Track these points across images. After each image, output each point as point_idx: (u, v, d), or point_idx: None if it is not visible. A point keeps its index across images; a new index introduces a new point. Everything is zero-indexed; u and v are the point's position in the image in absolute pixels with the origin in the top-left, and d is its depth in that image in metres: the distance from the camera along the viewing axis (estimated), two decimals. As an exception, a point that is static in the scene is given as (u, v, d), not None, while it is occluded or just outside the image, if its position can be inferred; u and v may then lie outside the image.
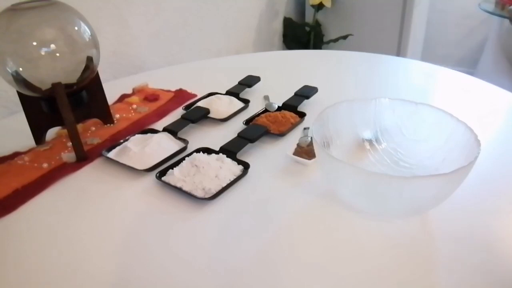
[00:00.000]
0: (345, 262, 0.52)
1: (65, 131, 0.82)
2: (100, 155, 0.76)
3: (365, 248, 0.54)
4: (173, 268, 0.52)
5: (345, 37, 2.17)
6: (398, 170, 0.64)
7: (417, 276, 0.50)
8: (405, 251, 0.53)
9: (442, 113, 0.61)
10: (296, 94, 0.93)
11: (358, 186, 0.54)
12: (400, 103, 0.65)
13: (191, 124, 0.84)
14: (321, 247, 0.55)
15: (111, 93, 0.94)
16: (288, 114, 0.84)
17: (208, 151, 0.74)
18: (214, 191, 0.63)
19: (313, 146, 0.66)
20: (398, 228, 0.57)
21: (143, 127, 0.85)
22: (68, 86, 0.73)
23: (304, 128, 0.82)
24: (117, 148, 0.77)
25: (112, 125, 0.87)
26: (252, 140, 0.75)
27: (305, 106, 0.90)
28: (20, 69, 0.70)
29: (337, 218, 0.59)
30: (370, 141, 0.68)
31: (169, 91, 1.03)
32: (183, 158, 0.71)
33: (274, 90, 0.99)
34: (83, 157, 0.75)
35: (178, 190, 0.65)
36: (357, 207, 0.58)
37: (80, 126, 0.85)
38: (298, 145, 0.74)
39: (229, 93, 0.98)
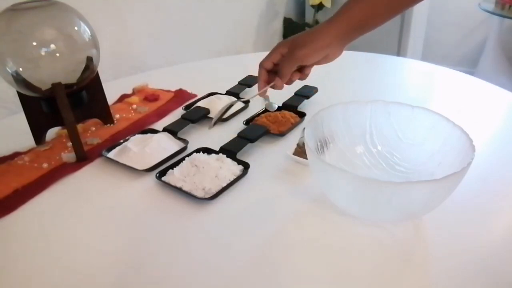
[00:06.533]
0: (338, 266, 0.52)
1: (65, 131, 0.82)
2: (100, 155, 0.76)
3: (359, 253, 0.54)
4: (173, 268, 0.52)
5: (345, 37, 2.17)
6: (393, 175, 0.63)
7: (411, 281, 0.50)
8: (399, 256, 0.53)
9: (438, 116, 0.60)
10: (296, 94, 0.93)
11: (349, 191, 0.53)
12: (396, 106, 0.64)
13: (191, 124, 0.84)
14: (316, 248, 0.55)
15: (111, 93, 0.94)
16: (288, 114, 0.84)
17: (208, 151, 0.74)
18: (214, 191, 0.63)
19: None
20: (392, 233, 0.56)
21: (143, 127, 0.85)
22: (68, 86, 0.73)
23: (304, 128, 0.82)
24: (117, 148, 0.77)
25: (112, 125, 0.87)
26: (252, 140, 0.75)
27: (305, 106, 0.90)
28: (20, 69, 0.70)
29: (336, 219, 0.59)
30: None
31: (169, 91, 1.03)
32: (183, 158, 0.71)
33: (274, 90, 0.99)
34: (83, 157, 0.75)
35: (178, 190, 0.65)
36: (349, 211, 0.57)
37: (80, 126, 0.85)
38: (298, 145, 0.74)
39: (229, 93, 0.97)
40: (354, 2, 0.58)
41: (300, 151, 0.72)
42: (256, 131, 0.78)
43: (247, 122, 0.84)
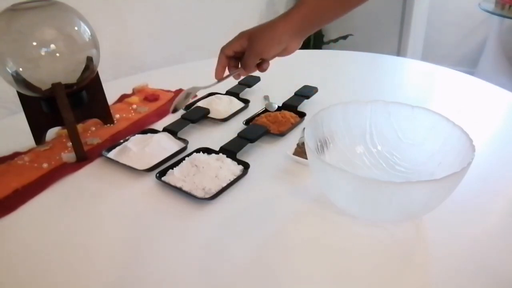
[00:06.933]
0: (338, 266, 0.52)
1: (65, 131, 0.82)
2: (100, 155, 0.76)
3: (359, 253, 0.54)
4: (173, 268, 0.52)
5: (345, 37, 2.17)
6: (393, 175, 0.63)
7: (411, 281, 0.50)
8: (399, 256, 0.53)
9: (438, 116, 0.60)
10: (296, 94, 0.93)
11: (349, 191, 0.54)
12: (396, 106, 0.64)
13: (191, 124, 0.84)
14: (316, 248, 0.55)
15: (111, 93, 0.94)
16: (288, 114, 0.84)
17: (208, 151, 0.74)
18: (214, 191, 0.63)
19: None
20: (392, 233, 0.56)
21: (143, 127, 0.85)
22: (68, 86, 0.73)
23: (304, 128, 0.82)
24: (117, 148, 0.77)
25: (112, 125, 0.87)
26: (252, 140, 0.75)
27: (305, 106, 0.90)
28: (20, 69, 0.70)
29: (336, 219, 0.59)
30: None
31: (169, 91, 1.03)
32: (183, 158, 0.71)
33: (274, 90, 0.99)
34: (83, 157, 0.75)
35: (178, 190, 0.65)
36: (349, 211, 0.57)
37: (80, 126, 0.85)
38: (298, 145, 0.74)
39: (229, 93, 0.98)
40: None
41: (300, 151, 0.72)
42: (256, 131, 0.78)
43: (247, 122, 0.84)
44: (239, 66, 0.66)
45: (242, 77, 0.67)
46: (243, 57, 0.64)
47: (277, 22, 0.60)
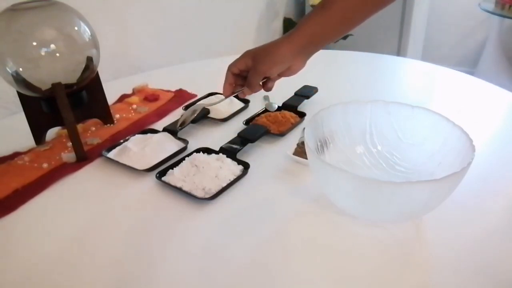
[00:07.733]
0: (338, 266, 0.52)
1: (65, 131, 0.82)
2: (100, 155, 0.76)
3: (359, 253, 0.54)
4: (173, 268, 0.52)
5: (345, 37, 2.17)
6: (393, 175, 0.63)
7: (411, 281, 0.50)
8: (399, 256, 0.53)
9: (438, 116, 0.60)
10: (296, 94, 0.93)
11: (349, 191, 0.53)
12: (396, 106, 0.64)
13: (191, 124, 0.84)
14: (316, 248, 0.55)
15: (111, 93, 0.94)
16: (288, 114, 0.84)
17: (208, 151, 0.74)
18: (214, 191, 0.63)
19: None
20: (392, 233, 0.56)
21: (143, 127, 0.85)
22: (68, 86, 0.73)
23: (304, 128, 0.82)
24: (117, 148, 0.77)
25: (112, 125, 0.87)
26: (252, 140, 0.75)
27: (305, 106, 0.90)
28: (20, 69, 0.70)
29: (336, 219, 0.59)
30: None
31: (169, 91, 1.03)
32: (183, 158, 0.71)
33: (274, 90, 0.99)
34: (83, 157, 0.75)
35: (178, 190, 0.65)
36: (349, 211, 0.57)
37: (80, 126, 0.85)
38: (298, 145, 0.74)
39: (229, 93, 0.97)
40: (308, 19, 0.60)
41: (300, 151, 0.72)
42: (256, 131, 0.78)
43: (247, 122, 0.84)
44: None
45: (247, 95, 0.67)
46: (248, 76, 0.64)
47: (280, 43, 0.61)
